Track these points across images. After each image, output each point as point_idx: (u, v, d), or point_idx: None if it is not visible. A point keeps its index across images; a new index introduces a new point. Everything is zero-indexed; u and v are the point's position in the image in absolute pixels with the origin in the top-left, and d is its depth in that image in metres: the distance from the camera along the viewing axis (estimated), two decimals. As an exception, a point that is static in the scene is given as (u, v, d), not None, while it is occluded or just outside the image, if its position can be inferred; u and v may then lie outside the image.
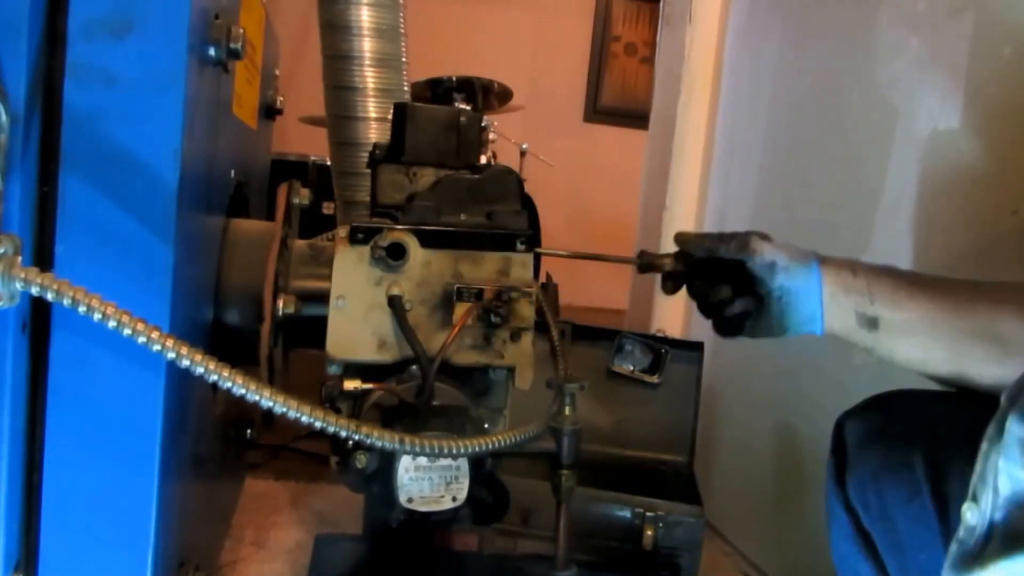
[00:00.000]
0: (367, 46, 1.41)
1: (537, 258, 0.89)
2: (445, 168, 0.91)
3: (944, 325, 0.74)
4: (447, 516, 0.77)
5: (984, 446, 0.59)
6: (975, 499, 0.58)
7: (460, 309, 0.83)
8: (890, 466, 0.73)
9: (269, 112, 1.32)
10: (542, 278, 0.99)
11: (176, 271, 0.70)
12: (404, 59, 1.48)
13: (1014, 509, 0.55)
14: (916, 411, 0.76)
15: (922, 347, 0.76)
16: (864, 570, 0.78)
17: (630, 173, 2.58)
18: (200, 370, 0.61)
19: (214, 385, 0.65)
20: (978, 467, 0.59)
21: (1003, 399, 0.58)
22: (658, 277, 0.90)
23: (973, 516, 0.57)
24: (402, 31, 1.47)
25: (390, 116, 0.94)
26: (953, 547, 0.59)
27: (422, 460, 0.74)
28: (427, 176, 0.91)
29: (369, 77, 1.42)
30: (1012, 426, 0.56)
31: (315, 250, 0.95)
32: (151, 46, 0.68)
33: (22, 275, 0.57)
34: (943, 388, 0.77)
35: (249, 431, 1.27)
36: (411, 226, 0.85)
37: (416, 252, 0.84)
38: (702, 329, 1.69)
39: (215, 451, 1.06)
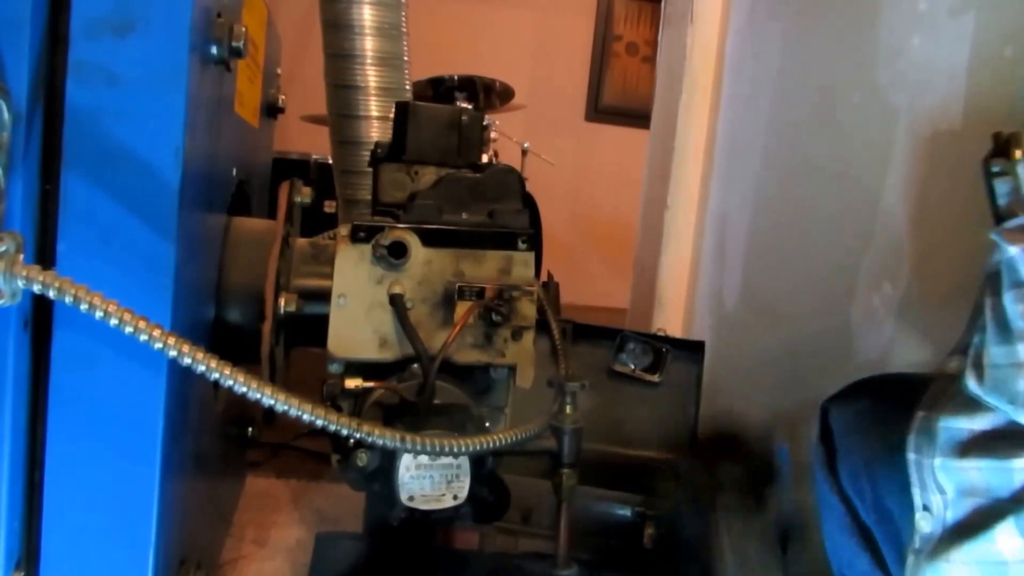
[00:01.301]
0: (369, 45, 1.41)
1: (538, 256, 0.89)
2: (446, 167, 0.91)
3: None
4: (448, 514, 0.77)
5: (912, 457, 0.61)
6: (927, 508, 0.59)
7: (461, 308, 0.83)
8: (883, 454, 0.70)
9: (271, 110, 1.32)
10: (543, 277, 0.99)
11: (178, 269, 0.70)
12: (406, 58, 1.48)
13: (964, 501, 0.57)
14: (907, 395, 0.72)
15: None
16: (860, 563, 0.74)
17: (631, 172, 2.58)
18: (201, 368, 0.61)
19: (215, 383, 0.65)
20: (915, 479, 0.61)
21: (921, 410, 0.60)
22: (658, 277, 0.89)
23: (928, 523, 0.59)
24: (404, 30, 1.47)
25: (392, 115, 0.95)
26: (910, 559, 0.59)
27: (423, 458, 0.74)
28: (428, 175, 0.91)
29: (371, 76, 1.42)
30: (941, 427, 0.60)
31: (317, 248, 0.95)
32: (153, 45, 0.68)
33: (24, 273, 0.57)
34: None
35: (250, 429, 1.27)
36: (412, 225, 0.85)
37: (417, 251, 0.84)
38: (703, 328, 1.69)
39: (216, 449, 1.06)
